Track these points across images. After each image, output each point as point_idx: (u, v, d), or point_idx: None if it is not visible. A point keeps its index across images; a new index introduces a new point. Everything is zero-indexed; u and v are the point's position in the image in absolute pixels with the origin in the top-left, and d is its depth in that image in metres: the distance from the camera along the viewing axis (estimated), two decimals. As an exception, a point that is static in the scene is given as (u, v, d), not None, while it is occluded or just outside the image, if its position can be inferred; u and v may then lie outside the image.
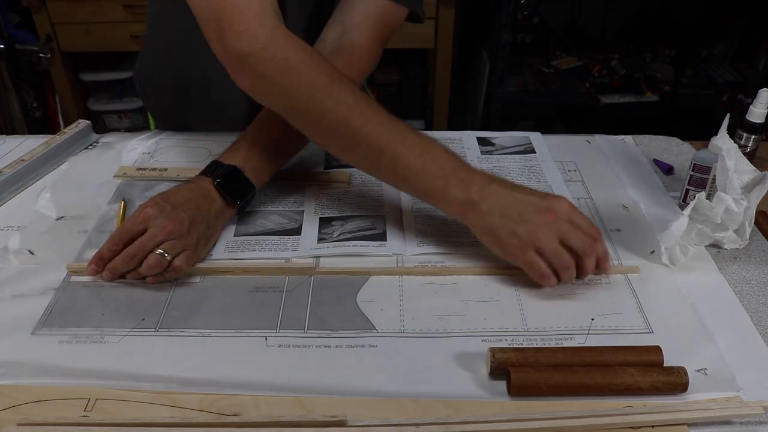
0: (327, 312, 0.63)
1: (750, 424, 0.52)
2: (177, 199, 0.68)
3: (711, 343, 0.59)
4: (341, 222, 0.76)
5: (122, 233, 0.65)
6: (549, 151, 0.91)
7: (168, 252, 0.64)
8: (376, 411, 0.52)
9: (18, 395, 0.53)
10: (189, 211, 0.67)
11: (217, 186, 0.71)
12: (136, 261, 0.65)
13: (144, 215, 0.65)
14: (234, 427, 0.50)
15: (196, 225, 0.67)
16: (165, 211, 0.66)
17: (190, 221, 0.66)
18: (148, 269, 0.64)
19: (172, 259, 0.65)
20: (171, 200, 0.67)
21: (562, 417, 0.51)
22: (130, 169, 0.86)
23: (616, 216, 0.78)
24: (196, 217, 0.68)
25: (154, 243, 0.64)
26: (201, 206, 0.69)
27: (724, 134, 0.73)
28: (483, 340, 0.60)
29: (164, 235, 0.64)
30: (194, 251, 0.67)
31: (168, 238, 0.65)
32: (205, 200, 0.70)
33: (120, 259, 0.65)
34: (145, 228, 0.65)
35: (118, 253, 0.65)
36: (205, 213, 0.69)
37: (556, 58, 2.19)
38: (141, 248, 0.64)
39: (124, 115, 2.24)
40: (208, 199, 0.70)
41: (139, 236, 0.65)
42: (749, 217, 0.70)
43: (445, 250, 0.72)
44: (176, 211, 0.66)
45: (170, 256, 0.65)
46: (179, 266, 0.65)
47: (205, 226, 0.69)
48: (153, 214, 0.65)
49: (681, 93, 2.08)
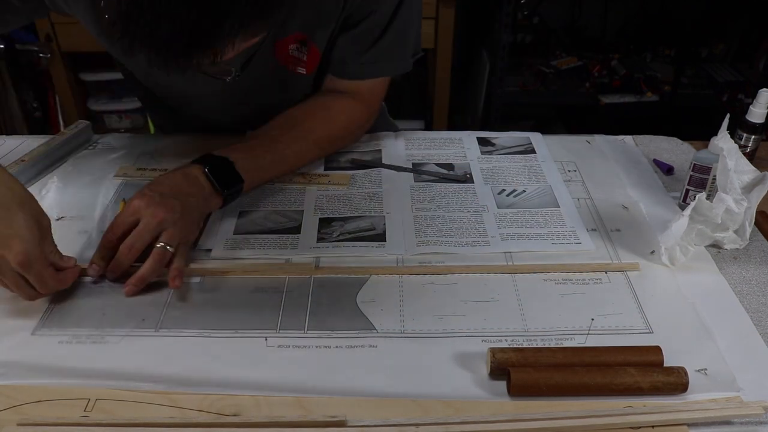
0: (327, 312, 0.63)
1: (750, 424, 0.52)
2: (164, 189, 0.68)
3: (711, 343, 0.59)
4: (341, 223, 0.76)
5: (114, 228, 0.66)
6: (549, 151, 0.91)
7: (169, 243, 0.65)
8: (376, 411, 0.52)
9: (18, 395, 0.53)
10: (179, 197, 0.67)
11: (206, 172, 0.71)
12: (135, 253, 0.65)
13: (133, 207, 0.65)
14: (234, 427, 0.50)
15: (188, 211, 0.68)
16: (154, 200, 0.66)
17: (181, 207, 0.67)
18: (153, 264, 0.64)
19: (175, 248, 0.65)
20: (158, 190, 0.67)
21: (562, 417, 0.51)
22: (130, 168, 0.86)
23: (616, 216, 0.78)
24: (186, 203, 0.68)
25: (149, 231, 0.64)
26: (188, 192, 0.69)
27: (724, 134, 0.72)
28: (483, 340, 0.60)
29: (156, 223, 0.65)
30: (187, 240, 0.68)
31: (161, 227, 0.65)
32: (192, 186, 0.70)
33: (119, 254, 0.65)
34: (137, 220, 0.65)
35: (114, 248, 0.65)
36: (193, 199, 0.69)
37: (556, 58, 2.19)
38: (137, 238, 0.64)
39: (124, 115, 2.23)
40: (196, 185, 0.71)
41: (132, 229, 0.65)
42: (749, 217, 0.70)
43: (445, 250, 0.72)
44: (165, 198, 0.66)
45: (172, 248, 0.65)
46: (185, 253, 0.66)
47: (197, 212, 0.69)
48: (142, 205, 0.65)
49: (681, 93, 2.08)
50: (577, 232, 0.75)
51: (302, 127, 0.83)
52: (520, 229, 0.75)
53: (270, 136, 0.81)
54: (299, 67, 0.85)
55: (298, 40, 0.82)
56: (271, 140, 0.80)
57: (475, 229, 0.75)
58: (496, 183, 0.84)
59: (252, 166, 0.76)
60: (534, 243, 0.73)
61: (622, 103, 2.07)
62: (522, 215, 0.78)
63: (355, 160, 0.89)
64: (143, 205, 0.65)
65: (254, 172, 0.77)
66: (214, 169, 0.72)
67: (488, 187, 0.83)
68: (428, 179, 0.85)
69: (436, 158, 0.90)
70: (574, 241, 0.73)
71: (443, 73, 2.08)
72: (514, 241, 0.73)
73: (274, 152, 0.80)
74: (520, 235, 0.74)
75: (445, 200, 0.81)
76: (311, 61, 0.84)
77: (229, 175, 0.73)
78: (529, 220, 0.77)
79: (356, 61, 0.84)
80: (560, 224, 0.76)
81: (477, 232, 0.75)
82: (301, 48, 0.83)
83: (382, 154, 0.91)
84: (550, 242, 0.73)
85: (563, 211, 0.78)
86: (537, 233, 0.74)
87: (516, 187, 0.84)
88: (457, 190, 0.83)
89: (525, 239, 0.73)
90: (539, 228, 0.75)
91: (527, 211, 0.79)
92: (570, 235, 0.74)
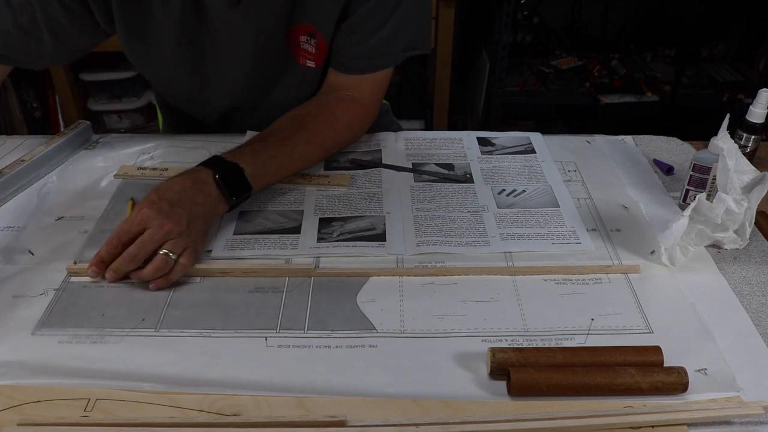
0: (327, 312, 0.63)
1: (750, 424, 0.52)
2: (173, 196, 0.67)
3: (711, 343, 0.59)
4: (341, 223, 0.76)
5: (120, 234, 0.65)
6: (549, 151, 0.91)
7: (172, 251, 0.65)
8: (376, 411, 0.52)
9: (18, 395, 0.53)
10: (186, 207, 0.67)
11: (217, 179, 0.71)
12: (138, 261, 0.65)
13: (141, 216, 0.65)
14: (234, 427, 0.50)
15: (194, 221, 0.67)
16: (163, 210, 0.65)
17: (188, 218, 0.66)
18: (154, 270, 0.64)
19: (177, 257, 0.65)
20: (167, 197, 0.67)
21: (562, 417, 0.51)
22: (130, 168, 0.86)
23: (616, 216, 0.78)
24: (193, 212, 0.68)
25: (154, 242, 0.64)
26: (197, 199, 0.69)
27: (724, 134, 0.72)
28: (483, 340, 0.60)
29: (163, 234, 0.64)
30: (194, 247, 0.67)
31: (167, 237, 0.65)
32: (200, 192, 0.70)
33: (121, 260, 0.65)
34: (143, 228, 0.65)
35: (117, 254, 0.65)
36: (200, 207, 0.69)
37: (556, 58, 2.19)
38: (141, 248, 0.64)
39: (124, 115, 2.23)
40: (204, 191, 0.70)
41: (138, 236, 0.65)
42: (749, 217, 0.70)
43: (445, 249, 0.72)
44: (174, 208, 0.66)
45: (175, 256, 0.65)
46: (185, 263, 0.65)
47: (203, 220, 0.69)
48: (151, 215, 0.65)
49: (681, 93, 2.08)
50: (577, 232, 0.75)
51: (308, 130, 0.82)
52: (520, 229, 0.75)
53: (277, 138, 0.80)
54: (309, 60, 0.85)
55: (308, 32, 0.83)
56: (279, 143, 0.80)
57: (475, 229, 0.75)
58: (496, 183, 0.84)
59: (260, 172, 0.76)
60: (534, 243, 0.73)
61: (622, 103, 2.07)
62: (522, 215, 0.78)
63: (354, 160, 0.89)
64: (151, 215, 0.65)
65: (262, 178, 0.76)
66: (225, 176, 0.71)
67: (488, 187, 0.83)
68: (428, 179, 0.85)
69: (436, 158, 0.90)
70: (574, 241, 0.73)
71: (443, 73, 2.08)
72: (514, 241, 0.73)
73: (282, 157, 0.80)
74: (520, 235, 0.74)
75: (445, 200, 0.81)
76: (319, 53, 0.85)
77: (238, 183, 0.73)
78: (529, 220, 0.77)
79: (357, 52, 0.83)
80: (560, 224, 0.76)
81: (477, 232, 0.75)
82: (309, 40, 0.84)
83: (383, 154, 0.91)
84: (550, 242, 0.73)
85: (563, 211, 0.78)
86: (537, 233, 0.74)
87: (516, 187, 0.84)
88: (457, 190, 0.83)
89: (525, 239, 0.73)
90: (539, 228, 0.75)
91: (527, 211, 0.79)
92: (570, 235, 0.74)
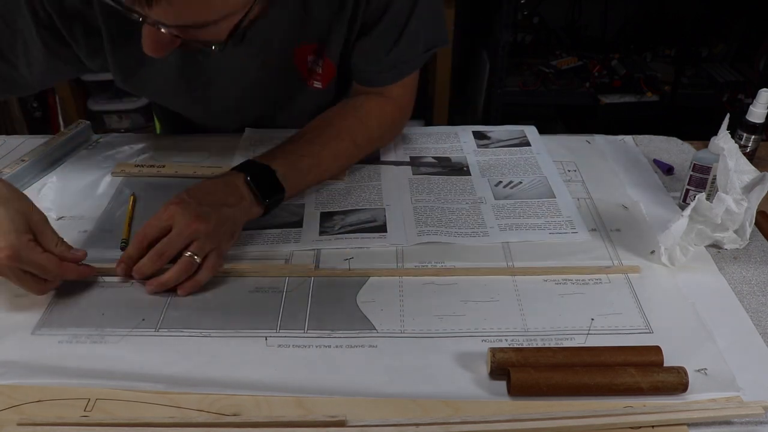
0: (327, 312, 0.63)
1: (750, 424, 0.52)
2: (203, 196, 0.66)
3: (711, 343, 0.59)
4: (342, 216, 0.77)
5: (147, 231, 0.64)
6: (549, 151, 0.92)
7: (197, 254, 0.63)
8: (376, 411, 0.52)
9: (18, 395, 0.53)
10: (215, 207, 0.66)
11: (249, 182, 0.70)
12: (164, 260, 0.63)
13: (169, 213, 0.64)
14: (234, 427, 0.50)
15: (222, 222, 0.66)
16: (190, 208, 0.64)
17: (216, 219, 0.65)
18: (178, 272, 0.63)
19: (202, 260, 0.64)
20: (197, 197, 0.66)
21: (561, 417, 0.51)
22: (128, 165, 0.86)
23: (616, 216, 0.78)
24: (222, 214, 0.66)
25: (181, 240, 0.63)
26: (228, 202, 0.68)
27: (725, 134, 0.72)
28: (483, 340, 0.60)
29: (190, 233, 0.63)
30: (219, 249, 0.66)
31: (194, 236, 0.63)
32: (232, 195, 0.69)
33: (147, 259, 0.63)
34: (170, 226, 0.64)
35: (144, 252, 0.64)
36: (231, 209, 0.67)
37: (556, 58, 2.19)
38: (168, 246, 0.63)
39: (124, 115, 2.23)
40: (237, 194, 0.69)
41: (165, 234, 0.64)
42: (749, 217, 0.70)
43: (445, 240, 0.72)
44: (202, 208, 0.65)
45: (200, 258, 0.64)
46: (211, 266, 0.64)
47: (231, 222, 0.67)
48: (178, 212, 0.64)
49: (681, 93, 2.08)
50: (573, 222, 0.76)
51: (336, 126, 0.82)
52: (518, 220, 0.76)
53: (307, 138, 0.80)
54: (315, 81, 0.85)
55: (315, 51, 0.83)
56: (308, 143, 0.79)
57: (474, 220, 0.76)
58: (493, 175, 0.85)
59: (291, 172, 0.75)
60: (532, 233, 0.74)
61: (622, 103, 2.07)
62: (519, 206, 0.79)
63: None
64: (179, 211, 0.64)
65: (294, 178, 0.75)
66: (256, 178, 0.71)
67: (485, 180, 0.84)
68: (426, 172, 0.86)
69: (433, 152, 0.91)
70: (570, 231, 0.74)
71: (443, 73, 2.08)
72: (512, 231, 0.74)
73: (312, 155, 0.78)
74: (518, 225, 0.75)
75: (444, 192, 0.82)
76: (326, 74, 0.84)
77: (270, 185, 0.72)
78: (526, 210, 0.78)
79: (379, 66, 0.83)
80: (557, 214, 0.77)
81: (476, 222, 0.76)
82: (317, 60, 0.83)
83: (380, 150, 0.91)
84: (548, 232, 0.74)
85: (559, 202, 0.80)
86: (534, 223, 0.76)
87: (512, 178, 0.85)
88: (455, 182, 0.84)
89: (523, 229, 0.74)
90: (536, 218, 0.76)
91: (524, 202, 0.80)
92: (566, 224, 0.75)
